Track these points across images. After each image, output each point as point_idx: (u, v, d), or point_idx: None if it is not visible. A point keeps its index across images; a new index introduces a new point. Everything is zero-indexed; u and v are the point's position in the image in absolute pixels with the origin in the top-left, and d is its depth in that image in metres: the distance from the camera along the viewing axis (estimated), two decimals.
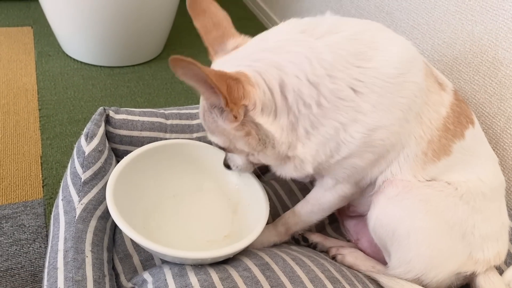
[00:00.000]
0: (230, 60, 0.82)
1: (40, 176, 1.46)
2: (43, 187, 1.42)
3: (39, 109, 1.77)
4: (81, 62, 2.13)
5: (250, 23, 2.81)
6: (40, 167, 1.50)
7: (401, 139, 0.84)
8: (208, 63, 0.87)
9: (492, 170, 0.96)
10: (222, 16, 0.89)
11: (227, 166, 1.02)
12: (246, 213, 1.05)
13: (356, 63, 0.78)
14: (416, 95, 0.82)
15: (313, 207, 0.98)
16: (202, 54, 2.55)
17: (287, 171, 0.90)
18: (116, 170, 0.96)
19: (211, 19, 0.88)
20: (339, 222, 1.17)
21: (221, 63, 0.83)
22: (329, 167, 0.86)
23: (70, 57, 2.15)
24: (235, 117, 0.77)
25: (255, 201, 1.03)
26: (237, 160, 0.98)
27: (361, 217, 1.07)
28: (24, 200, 1.36)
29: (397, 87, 0.79)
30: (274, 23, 2.65)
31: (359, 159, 0.84)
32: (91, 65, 2.12)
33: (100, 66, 2.12)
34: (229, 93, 0.73)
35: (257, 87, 0.76)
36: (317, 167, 0.86)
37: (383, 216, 0.89)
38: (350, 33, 0.80)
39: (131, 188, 0.98)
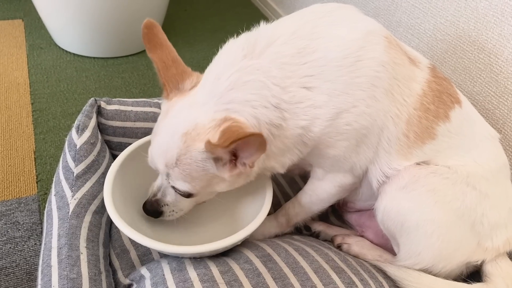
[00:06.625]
0: (201, 105, 0.79)
1: (34, 171, 1.43)
2: (37, 182, 1.39)
3: (32, 103, 1.73)
4: (73, 54, 2.08)
5: (245, 10, 2.75)
6: (33, 162, 1.46)
7: (375, 119, 0.81)
8: (203, 49, 0.82)
9: (490, 152, 0.92)
10: (176, 54, 0.86)
11: (155, 212, 0.90)
12: (246, 203, 1.02)
13: (301, 60, 0.77)
14: (377, 71, 0.79)
15: (311, 197, 0.96)
16: (197, 42, 2.49)
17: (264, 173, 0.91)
18: (114, 166, 0.93)
19: (170, 54, 0.85)
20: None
21: (188, 106, 0.80)
22: (305, 159, 0.87)
23: (63, 49, 2.11)
24: (250, 166, 0.78)
25: (256, 191, 0.99)
26: (182, 204, 0.90)
27: (362, 211, 1.04)
28: (17, 196, 1.33)
29: (349, 69, 0.77)
30: (271, 9, 2.59)
31: (332, 149, 0.83)
32: (84, 56, 2.08)
33: (94, 58, 2.08)
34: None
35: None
36: (291, 164, 0.87)
37: (391, 208, 0.87)
38: (287, 36, 0.79)
39: (130, 182, 0.95)
